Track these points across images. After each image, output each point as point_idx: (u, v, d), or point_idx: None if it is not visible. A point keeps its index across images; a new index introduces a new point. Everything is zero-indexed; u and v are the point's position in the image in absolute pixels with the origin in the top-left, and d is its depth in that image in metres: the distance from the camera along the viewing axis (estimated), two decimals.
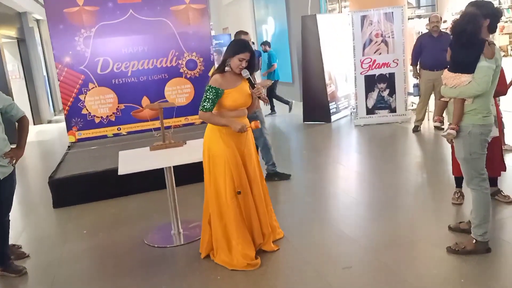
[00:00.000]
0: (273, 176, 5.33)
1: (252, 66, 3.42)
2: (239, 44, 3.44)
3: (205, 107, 3.32)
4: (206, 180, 3.48)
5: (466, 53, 3.10)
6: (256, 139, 4.59)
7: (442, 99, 3.36)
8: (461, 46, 3.11)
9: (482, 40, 3.05)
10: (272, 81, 9.80)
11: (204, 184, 3.50)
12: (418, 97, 7.28)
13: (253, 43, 8.99)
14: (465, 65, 3.10)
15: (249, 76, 3.39)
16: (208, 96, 3.30)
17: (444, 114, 3.47)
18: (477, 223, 3.21)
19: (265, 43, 10.41)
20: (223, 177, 3.34)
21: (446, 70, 3.25)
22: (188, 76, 7.05)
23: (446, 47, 7.07)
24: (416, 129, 7.15)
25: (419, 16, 13.02)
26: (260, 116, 5.12)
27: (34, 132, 9.47)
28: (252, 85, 3.40)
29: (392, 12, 7.78)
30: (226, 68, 3.40)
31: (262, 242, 3.52)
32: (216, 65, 4.50)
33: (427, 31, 7.28)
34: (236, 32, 5.52)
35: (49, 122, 13.13)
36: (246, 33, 5.38)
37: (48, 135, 10.67)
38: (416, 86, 7.29)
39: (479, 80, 3.02)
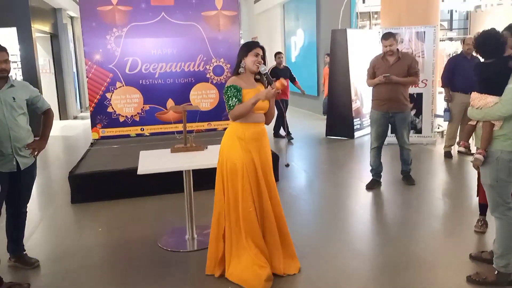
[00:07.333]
0: None
1: (264, 64, 3.31)
2: (250, 43, 3.34)
3: (231, 105, 3.17)
4: (219, 190, 3.32)
5: (490, 70, 3.03)
6: None
7: (470, 122, 3.26)
8: (484, 58, 3.07)
9: (506, 57, 2.98)
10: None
11: (215, 195, 3.34)
12: (447, 122, 6.92)
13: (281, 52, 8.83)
14: (492, 85, 3.01)
15: (267, 71, 3.26)
16: (229, 95, 3.18)
17: (471, 140, 3.37)
18: (499, 254, 3.08)
19: None
20: (242, 185, 3.20)
21: (474, 91, 3.17)
22: (214, 81, 7.08)
23: None
24: (449, 155, 6.83)
25: (450, 39, 12.84)
26: None
27: (59, 127, 9.63)
28: (270, 80, 3.23)
29: (424, 32, 7.67)
30: (240, 70, 3.29)
31: (280, 263, 3.32)
32: None
33: (459, 52, 7.09)
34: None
35: (75, 118, 13.35)
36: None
37: (73, 131, 10.82)
38: (447, 110, 6.84)
39: (505, 102, 2.92)
